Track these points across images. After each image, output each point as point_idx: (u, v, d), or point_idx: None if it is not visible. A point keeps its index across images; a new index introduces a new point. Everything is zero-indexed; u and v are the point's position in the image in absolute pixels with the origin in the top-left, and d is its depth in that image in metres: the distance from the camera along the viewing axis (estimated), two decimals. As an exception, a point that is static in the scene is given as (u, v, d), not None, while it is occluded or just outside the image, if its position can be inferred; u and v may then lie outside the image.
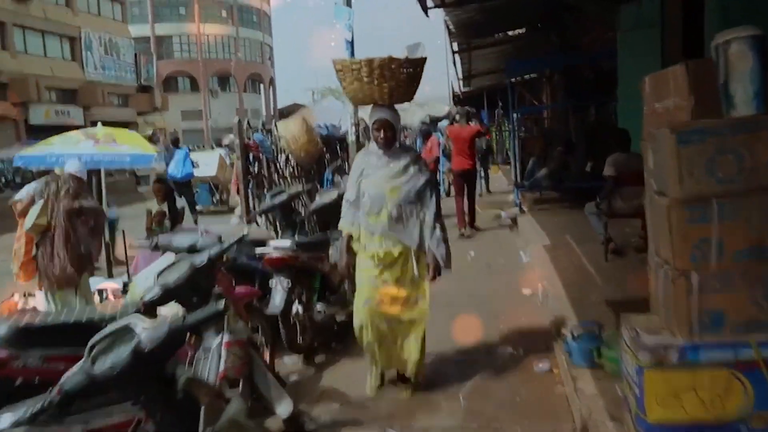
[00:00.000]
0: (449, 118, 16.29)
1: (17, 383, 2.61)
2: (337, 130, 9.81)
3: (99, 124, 7.99)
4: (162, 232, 6.30)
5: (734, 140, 2.48)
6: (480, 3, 9.10)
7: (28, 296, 5.08)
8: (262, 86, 54.46)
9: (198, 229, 5.42)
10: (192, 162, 11.96)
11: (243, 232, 3.90)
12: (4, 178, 22.68)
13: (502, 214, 10.56)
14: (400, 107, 3.95)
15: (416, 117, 18.34)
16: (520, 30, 13.29)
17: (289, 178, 7.58)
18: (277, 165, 7.55)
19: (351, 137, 8.96)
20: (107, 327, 2.08)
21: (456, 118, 11.14)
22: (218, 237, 3.81)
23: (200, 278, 3.15)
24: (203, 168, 13.78)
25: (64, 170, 5.38)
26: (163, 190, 7.45)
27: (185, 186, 11.48)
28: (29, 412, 1.90)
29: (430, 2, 7.91)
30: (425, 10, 7.71)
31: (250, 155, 7.19)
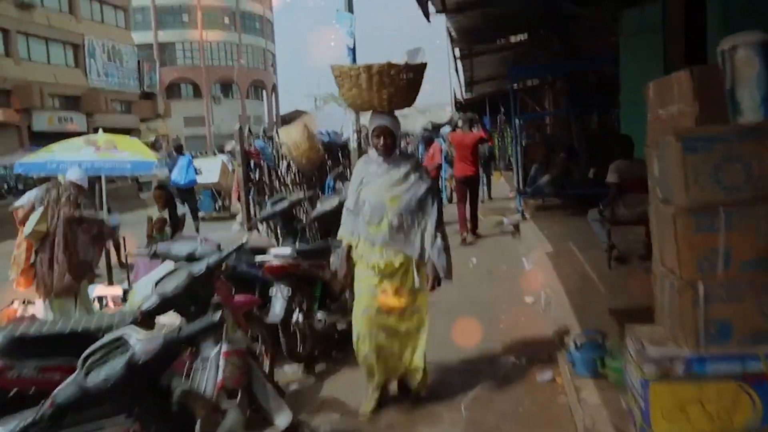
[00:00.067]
0: (451, 124, 16.28)
1: (11, 394, 2.57)
2: (339, 137, 9.78)
3: (100, 131, 8.00)
4: (162, 239, 6.26)
5: (741, 147, 2.44)
6: (482, 9, 9.10)
7: (28, 304, 5.06)
8: (264, 93, 54.64)
9: (197, 236, 5.39)
10: (195, 169, 11.97)
11: (243, 239, 3.86)
12: (7, 185, 22.76)
13: (505, 220, 10.53)
14: (401, 114, 3.90)
15: (418, 123, 18.35)
16: (522, 36, 13.28)
17: (290, 185, 7.55)
18: (278, 172, 7.52)
19: (353, 144, 8.94)
20: (101, 338, 2.05)
21: (459, 125, 11.11)
22: (217, 245, 3.77)
23: (198, 287, 3.11)
24: (206, 174, 13.80)
25: (65, 177, 5.38)
26: (163, 197, 7.42)
27: (188, 193, 11.48)
28: (20, 425, 1.87)
29: (432, 8, 7.90)
30: (427, 15, 7.70)
31: (251, 162, 7.17)
